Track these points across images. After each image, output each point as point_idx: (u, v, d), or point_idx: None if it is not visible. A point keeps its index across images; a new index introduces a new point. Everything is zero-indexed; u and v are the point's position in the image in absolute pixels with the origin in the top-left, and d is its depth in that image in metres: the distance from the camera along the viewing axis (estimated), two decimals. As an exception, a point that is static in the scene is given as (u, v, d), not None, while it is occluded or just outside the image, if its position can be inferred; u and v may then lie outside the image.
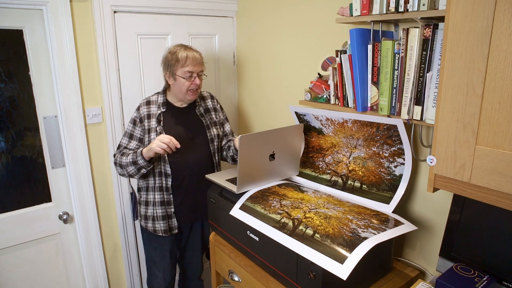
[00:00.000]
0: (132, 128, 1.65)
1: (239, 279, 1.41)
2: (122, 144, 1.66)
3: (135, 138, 1.64)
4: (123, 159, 1.58)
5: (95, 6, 1.71)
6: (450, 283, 1.00)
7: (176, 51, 1.59)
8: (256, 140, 1.36)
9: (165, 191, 1.65)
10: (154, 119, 1.63)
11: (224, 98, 2.28)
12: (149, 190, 1.67)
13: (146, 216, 1.70)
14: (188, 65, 1.57)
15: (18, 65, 1.66)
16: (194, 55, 1.58)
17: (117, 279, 2.09)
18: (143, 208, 1.71)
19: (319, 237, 1.06)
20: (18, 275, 1.82)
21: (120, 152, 1.63)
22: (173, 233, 1.71)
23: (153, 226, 1.69)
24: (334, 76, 1.36)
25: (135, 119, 1.64)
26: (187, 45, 1.64)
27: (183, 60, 1.56)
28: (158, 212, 1.67)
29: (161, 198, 1.66)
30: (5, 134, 1.70)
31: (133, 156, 1.55)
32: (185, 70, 1.57)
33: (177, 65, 1.57)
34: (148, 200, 1.69)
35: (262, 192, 1.38)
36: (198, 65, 1.60)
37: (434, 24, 1.03)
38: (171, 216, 1.69)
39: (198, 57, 1.60)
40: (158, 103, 1.66)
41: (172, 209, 1.68)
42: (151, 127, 1.62)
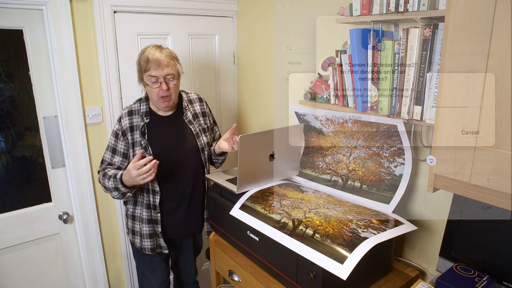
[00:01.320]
0: (114, 142, 1.51)
1: (239, 279, 1.41)
2: (105, 159, 1.52)
3: (119, 153, 1.51)
4: (105, 181, 1.45)
5: (95, 6, 1.71)
6: (450, 283, 1.00)
7: (143, 52, 1.44)
8: (256, 140, 1.36)
9: (153, 209, 1.54)
10: (137, 132, 1.48)
11: (224, 98, 2.28)
12: (137, 204, 1.56)
13: (134, 231, 1.60)
14: (149, 69, 1.40)
15: (18, 65, 1.66)
16: (156, 56, 1.39)
17: (117, 279, 2.09)
18: (130, 222, 1.60)
19: (319, 237, 1.06)
20: (18, 275, 1.82)
21: (103, 170, 1.50)
22: (160, 251, 1.60)
23: (140, 243, 1.58)
24: (334, 76, 1.36)
25: (117, 132, 1.49)
26: (159, 45, 1.47)
27: (144, 63, 1.40)
28: (145, 230, 1.55)
29: (148, 216, 1.54)
30: (5, 134, 1.70)
31: (114, 182, 1.41)
32: (148, 75, 1.41)
33: (141, 69, 1.43)
34: (135, 215, 1.58)
35: (262, 192, 1.38)
36: (162, 68, 1.39)
37: (434, 24, 1.03)
38: (158, 235, 1.58)
39: (162, 59, 1.40)
40: (141, 112, 1.51)
41: (159, 228, 1.56)
42: (135, 140, 1.49)
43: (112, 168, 1.51)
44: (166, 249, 1.60)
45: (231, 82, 2.29)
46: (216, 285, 1.67)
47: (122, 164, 1.51)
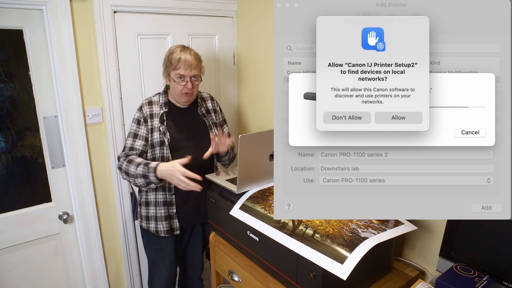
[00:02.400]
0: (136, 128, 1.62)
1: (239, 279, 1.41)
2: (127, 145, 1.61)
3: (140, 137, 1.61)
4: (130, 167, 1.53)
5: (95, 6, 1.71)
6: (450, 283, 1.00)
7: (173, 52, 1.57)
8: (256, 140, 1.36)
9: (168, 191, 1.65)
10: (157, 119, 1.61)
11: (224, 98, 2.28)
12: (149, 191, 1.66)
13: (148, 216, 1.69)
14: (179, 68, 1.54)
15: (18, 65, 1.66)
16: (187, 58, 1.54)
17: (117, 279, 2.09)
18: (144, 209, 1.70)
19: (319, 237, 1.06)
20: (18, 275, 1.82)
21: (125, 156, 1.58)
22: (175, 233, 1.70)
23: (156, 226, 1.68)
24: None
25: (139, 118, 1.62)
26: (187, 47, 1.61)
27: (175, 62, 1.54)
28: (161, 213, 1.66)
29: (163, 198, 1.65)
30: (5, 134, 1.70)
31: (143, 169, 1.49)
32: (176, 73, 1.55)
33: (170, 66, 1.56)
34: (148, 201, 1.68)
35: (262, 192, 1.38)
36: (191, 69, 1.55)
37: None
38: (173, 217, 1.68)
39: (192, 61, 1.55)
40: (160, 103, 1.65)
41: (174, 209, 1.67)
42: (154, 126, 1.61)
43: (135, 154, 1.58)
44: (179, 230, 1.70)
45: (231, 82, 2.29)
46: (216, 285, 1.67)
47: (144, 148, 1.61)
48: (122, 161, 1.57)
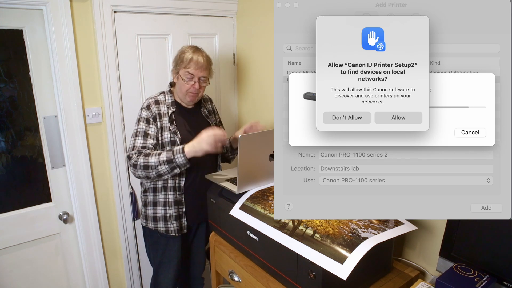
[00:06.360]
0: (146, 127, 1.60)
1: (239, 279, 1.41)
2: (137, 145, 1.57)
3: (151, 136, 1.59)
4: (150, 159, 1.50)
5: (95, 6, 1.71)
6: (450, 283, 1.00)
7: (185, 51, 1.60)
8: (256, 140, 1.36)
9: (178, 190, 1.66)
10: (166, 118, 1.62)
11: (224, 98, 2.28)
12: (157, 191, 1.66)
13: (156, 217, 1.69)
14: (189, 67, 1.58)
15: (18, 65, 1.66)
16: (199, 59, 1.58)
17: (117, 279, 2.09)
18: (151, 210, 1.69)
19: (319, 237, 1.06)
20: (18, 275, 1.82)
21: (137, 153, 1.54)
22: (183, 232, 1.72)
23: (165, 226, 1.68)
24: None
25: (148, 117, 1.60)
26: (199, 48, 1.64)
27: (186, 61, 1.57)
28: (171, 212, 1.67)
29: (174, 198, 1.66)
30: (5, 134, 1.70)
31: (167, 154, 1.49)
32: (186, 72, 1.58)
33: (181, 64, 1.59)
34: (157, 201, 1.67)
35: (262, 192, 1.38)
36: (200, 70, 1.59)
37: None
38: (182, 216, 1.70)
39: (203, 62, 1.59)
40: (167, 102, 1.65)
41: (183, 209, 1.69)
42: (163, 126, 1.62)
43: (148, 152, 1.58)
44: (186, 228, 1.73)
45: (231, 82, 2.29)
46: (216, 285, 1.67)
47: (155, 147, 1.61)
48: (136, 158, 1.53)
